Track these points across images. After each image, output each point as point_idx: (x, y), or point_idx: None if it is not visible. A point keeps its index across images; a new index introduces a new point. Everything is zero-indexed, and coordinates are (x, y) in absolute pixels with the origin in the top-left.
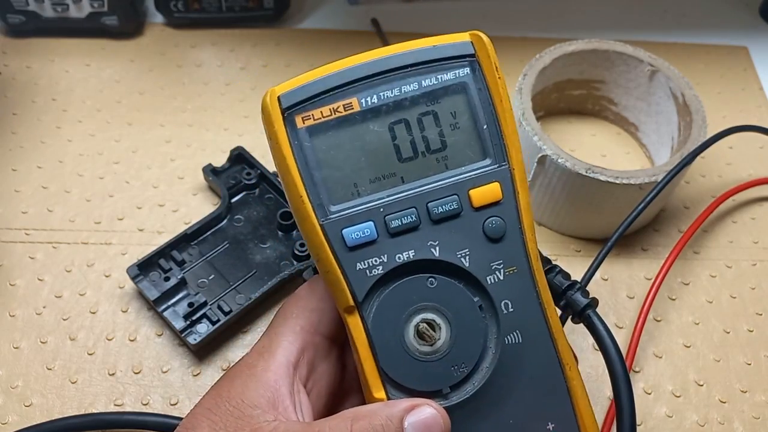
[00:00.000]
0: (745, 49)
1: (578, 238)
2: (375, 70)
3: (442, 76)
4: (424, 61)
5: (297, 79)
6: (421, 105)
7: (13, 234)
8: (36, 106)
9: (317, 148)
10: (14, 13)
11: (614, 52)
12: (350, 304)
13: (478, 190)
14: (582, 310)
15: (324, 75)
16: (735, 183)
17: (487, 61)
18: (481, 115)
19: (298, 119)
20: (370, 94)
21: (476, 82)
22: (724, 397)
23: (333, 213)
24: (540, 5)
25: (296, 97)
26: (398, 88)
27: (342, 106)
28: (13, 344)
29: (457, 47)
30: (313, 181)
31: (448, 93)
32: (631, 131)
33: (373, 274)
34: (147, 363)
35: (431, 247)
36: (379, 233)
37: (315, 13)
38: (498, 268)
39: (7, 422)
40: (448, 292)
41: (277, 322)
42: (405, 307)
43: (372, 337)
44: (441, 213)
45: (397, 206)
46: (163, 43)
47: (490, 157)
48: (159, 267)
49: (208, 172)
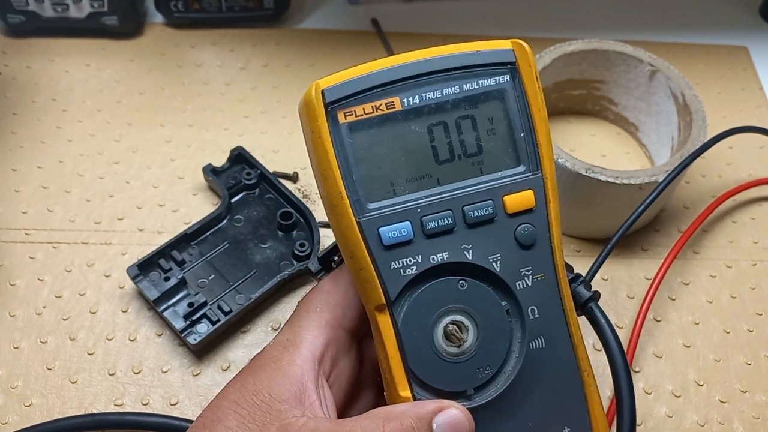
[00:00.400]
0: (745, 49)
1: (578, 238)
2: (418, 71)
3: (483, 81)
4: (466, 66)
5: (341, 74)
6: (461, 108)
7: (13, 234)
8: (36, 106)
9: (358, 145)
10: (14, 13)
11: (614, 52)
12: (382, 302)
13: (513, 196)
14: (585, 302)
15: (368, 72)
16: (735, 183)
17: (527, 69)
18: (518, 122)
19: (340, 114)
20: (412, 95)
21: (515, 90)
22: (724, 397)
23: (370, 211)
24: (540, 5)
25: (340, 92)
26: (440, 90)
27: (384, 104)
28: (13, 344)
29: (498, 54)
30: (352, 178)
31: (488, 99)
32: (631, 131)
33: (407, 274)
34: (147, 363)
35: (464, 250)
36: (415, 233)
37: (315, 13)
38: (527, 274)
39: (7, 422)
40: (477, 295)
41: (300, 315)
42: (435, 308)
43: (401, 336)
44: (476, 217)
45: (433, 208)
46: (163, 43)
47: (524, 164)
48: (159, 267)
49: (208, 172)
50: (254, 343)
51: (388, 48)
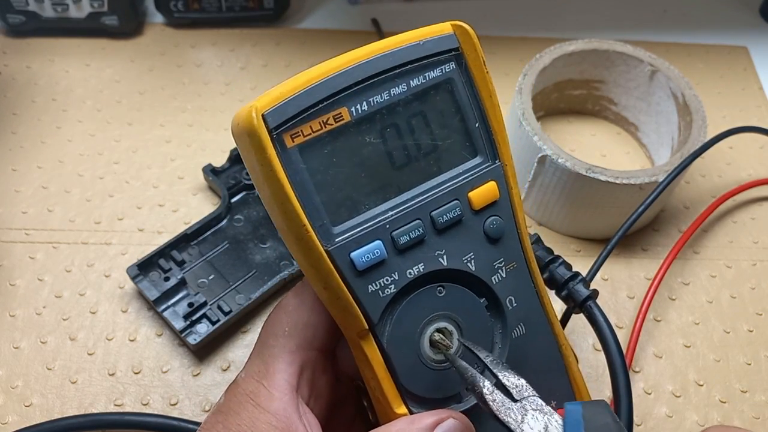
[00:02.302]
0: (745, 49)
1: (578, 238)
2: (362, 75)
3: (429, 73)
4: (409, 61)
5: (278, 92)
6: (411, 106)
7: (13, 234)
8: (36, 106)
9: (312, 169)
10: (14, 13)
11: (614, 52)
12: (364, 328)
13: (477, 191)
14: (583, 301)
15: (309, 86)
16: (735, 183)
17: (472, 53)
18: (469, 112)
19: (287, 138)
20: (359, 102)
21: (463, 77)
22: (724, 397)
23: (338, 236)
24: (540, 5)
25: (283, 114)
26: (387, 91)
27: (332, 118)
28: (13, 344)
29: (440, 41)
30: (312, 206)
31: (437, 91)
32: (631, 131)
33: (386, 294)
34: (147, 363)
35: (439, 257)
36: (388, 251)
37: (315, 13)
38: (500, 266)
39: (7, 422)
40: (456, 298)
41: (268, 342)
42: (419, 320)
43: (390, 357)
44: (446, 221)
45: (402, 220)
46: (163, 43)
47: (481, 154)
48: (159, 267)
49: (208, 172)
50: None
51: None
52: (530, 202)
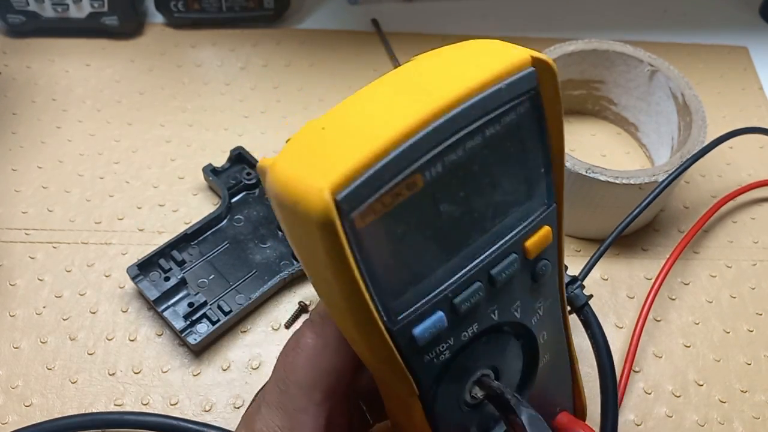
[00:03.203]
0: (745, 49)
1: (578, 238)
2: (442, 137)
3: (505, 118)
4: (491, 110)
5: (348, 162)
6: (483, 158)
7: (13, 234)
8: (36, 106)
9: (378, 245)
10: (14, 13)
11: (614, 52)
12: (414, 395)
13: (533, 240)
14: (581, 306)
15: (386, 158)
16: (735, 183)
17: (550, 92)
18: (535, 156)
19: (357, 219)
20: (434, 164)
21: (534, 114)
22: (724, 397)
23: (400, 312)
24: (540, 5)
25: (359, 196)
26: (462, 147)
27: (405, 188)
28: (13, 344)
29: (522, 83)
30: (379, 287)
31: (506, 134)
32: (631, 131)
33: (440, 361)
34: (147, 363)
35: (491, 313)
36: (449, 320)
37: (315, 13)
38: (539, 306)
39: (7, 422)
40: (497, 346)
41: (289, 390)
42: (465, 378)
43: (435, 417)
44: (504, 279)
45: (463, 285)
46: (163, 43)
47: (539, 197)
48: (159, 267)
49: (208, 172)
50: (254, 343)
51: (389, 48)
52: None
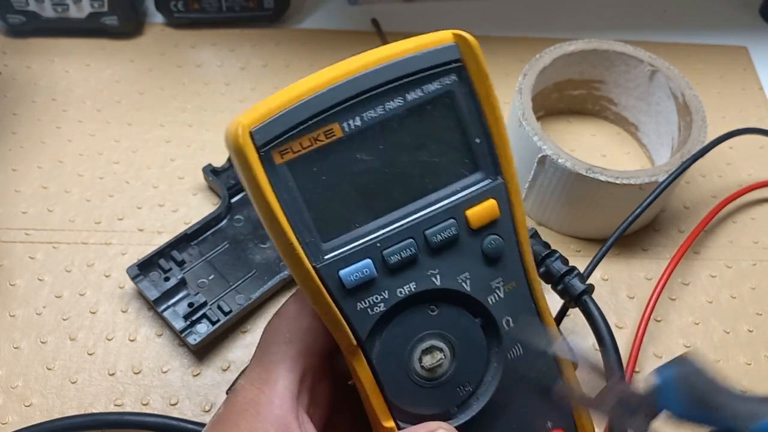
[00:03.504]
0: (745, 49)
1: (578, 238)
2: (356, 90)
3: (427, 87)
4: (407, 74)
5: (266, 107)
6: (408, 122)
7: (13, 234)
8: (36, 106)
9: (301, 186)
10: (14, 13)
11: (614, 52)
12: (353, 345)
13: (475, 209)
14: (579, 295)
15: (299, 101)
16: (735, 183)
17: (474, 66)
18: (471, 126)
19: (275, 155)
20: (352, 117)
21: (464, 89)
22: None
23: (327, 253)
24: (540, 5)
25: (271, 131)
26: (382, 106)
27: (323, 134)
28: (13, 344)
29: (441, 53)
30: (301, 222)
31: (435, 105)
32: (631, 131)
33: (375, 312)
34: (147, 363)
35: (432, 276)
36: (378, 270)
37: (315, 13)
38: (498, 286)
39: (7, 422)
40: (449, 318)
41: (269, 349)
42: (409, 338)
43: (378, 373)
44: (440, 240)
45: (394, 239)
46: (163, 43)
47: (482, 170)
48: (159, 267)
49: (208, 172)
50: (254, 343)
51: None
52: (530, 202)
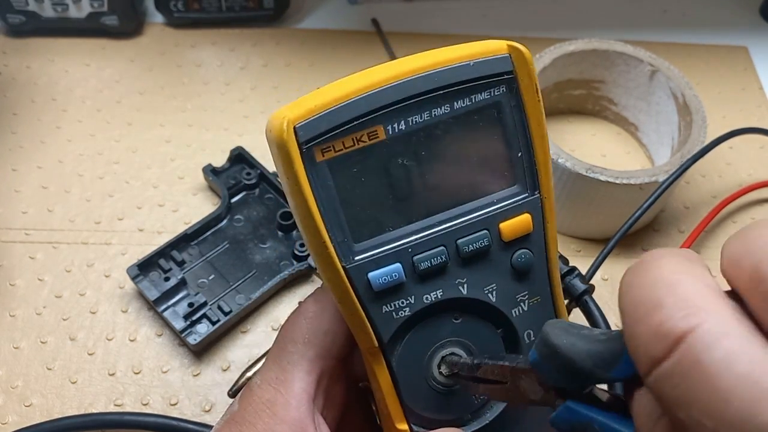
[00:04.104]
0: (745, 49)
1: (578, 238)
2: (405, 94)
3: (477, 96)
4: (458, 82)
5: (312, 103)
6: (452, 129)
7: (13, 234)
8: (36, 106)
9: (339, 185)
10: (14, 13)
11: (614, 52)
12: (374, 346)
13: (509, 223)
14: (580, 295)
15: (347, 100)
16: (735, 183)
17: (526, 79)
18: (514, 139)
19: (317, 152)
20: (397, 121)
21: (512, 102)
22: None
23: (357, 254)
24: (540, 5)
25: (316, 128)
26: (428, 112)
27: (366, 135)
28: (13, 344)
29: (494, 64)
30: (335, 221)
31: (482, 115)
32: (631, 131)
33: (400, 317)
34: (147, 363)
35: (459, 285)
36: (407, 275)
37: (315, 12)
38: (523, 299)
39: (7, 422)
40: (471, 327)
41: (286, 348)
42: (430, 344)
43: (397, 376)
44: (471, 251)
45: (425, 245)
46: (163, 43)
47: (520, 184)
48: (159, 267)
49: (208, 172)
50: (254, 343)
51: (388, 48)
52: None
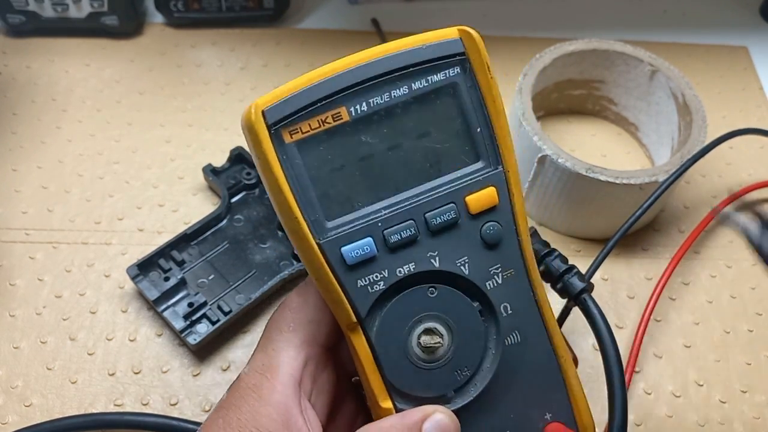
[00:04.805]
0: (745, 49)
1: (578, 238)
2: (363, 76)
3: (432, 77)
4: (413, 64)
5: (280, 90)
6: (412, 109)
7: (13, 234)
8: (36, 106)
9: (308, 164)
10: (14, 13)
11: (614, 52)
12: (353, 321)
13: (474, 196)
14: (578, 293)
15: (309, 85)
16: (735, 183)
17: (477, 59)
18: (473, 116)
19: (285, 134)
20: (359, 102)
21: (467, 82)
22: (724, 398)
23: (330, 230)
24: (540, 5)
25: (282, 111)
26: (388, 93)
27: (331, 117)
28: (13, 344)
29: (446, 46)
30: (307, 199)
31: (439, 95)
32: (631, 131)
33: (375, 290)
34: (147, 363)
35: (431, 258)
36: (379, 249)
37: (315, 12)
38: (496, 272)
39: (7, 422)
40: (448, 300)
41: (272, 337)
42: (407, 318)
43: (377, 351)
44: (439, 223)
45: (394, 219)
46: (163, 43)
47: (483, 159)
48: (159, 267)
49: (208, 172)
50: (254, 343)
51: None
52: (530, 202)
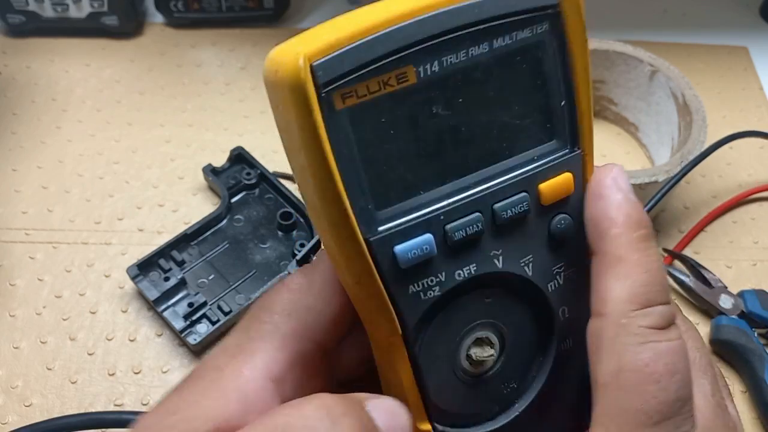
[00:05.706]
0: (745, 49)
1: None
2: (439, 28)
3: (518, 33)
4: (497, 15)
5: (332, 37)
6: (491, 73)
7: (13, 234)
8: (36, 106)
9: (361, 139)
10: (14, 13)
11: (614, 52)
12: (397, 335)
13: (549, 183)
14: None
15: (373, 34)
16: (735, 183)
17: (574, 15)
18: (556, 86)
19: (337, 99)
20: (430, 61)
21: (554, 43)
22: None
23: (381, 224)
24: None
25: (338, 67)
26: (465, 51)
27: (395, 77)
28: (13, 344)
29: None
30: (356, 184)
31: (525, 57)
32: (631, 131)
33: (428, 297)
34: (147, 363)
35: (494, 258)
36: (439, 247)
37: (315, 13)
38: (558, 272)
39: (7, 422)
40: (503, 307)
41: (258, 317)
42: (459, 329)
43: (422, 369)
44: (508, 217)
45: (459, 212)
46: (163, 43)
47: (559, 138)
48: (159, 267)
49: (208, 172)
50: None
51: None
52: None
